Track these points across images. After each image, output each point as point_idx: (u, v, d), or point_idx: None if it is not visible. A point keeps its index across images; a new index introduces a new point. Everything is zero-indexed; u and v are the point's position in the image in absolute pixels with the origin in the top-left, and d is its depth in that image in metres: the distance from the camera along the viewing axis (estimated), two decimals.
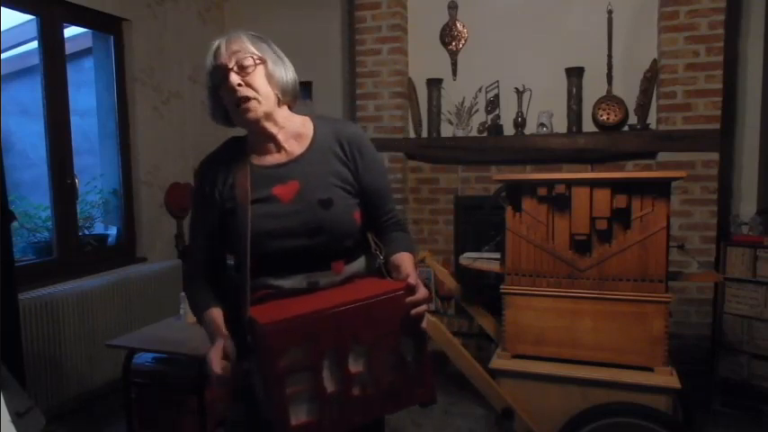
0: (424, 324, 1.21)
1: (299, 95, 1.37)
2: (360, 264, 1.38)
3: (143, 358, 2.46)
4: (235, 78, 1.23)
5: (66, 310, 2.86)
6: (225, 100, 1.28)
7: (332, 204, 1.30)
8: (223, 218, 1.32)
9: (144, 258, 3.57)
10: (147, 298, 3.35)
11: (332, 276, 1.32)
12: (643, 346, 2.04)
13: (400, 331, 1.18)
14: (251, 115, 1.25)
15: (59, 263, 3.08)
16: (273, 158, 1.33)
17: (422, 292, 1.21)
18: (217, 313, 1.31)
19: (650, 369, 2.04)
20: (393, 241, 1.40)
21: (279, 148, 1.34)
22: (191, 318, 2.59)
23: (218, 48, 1.27)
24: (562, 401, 2.08)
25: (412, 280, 1.21)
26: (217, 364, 1.18)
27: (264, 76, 1.26)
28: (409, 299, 1.19)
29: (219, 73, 1.25)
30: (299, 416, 1.10)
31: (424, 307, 1.21)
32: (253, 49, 1.26)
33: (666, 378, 2.00)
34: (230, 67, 1.24)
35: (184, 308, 2.60)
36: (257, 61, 1.25)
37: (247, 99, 1.24)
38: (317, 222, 1.28)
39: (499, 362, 2.21)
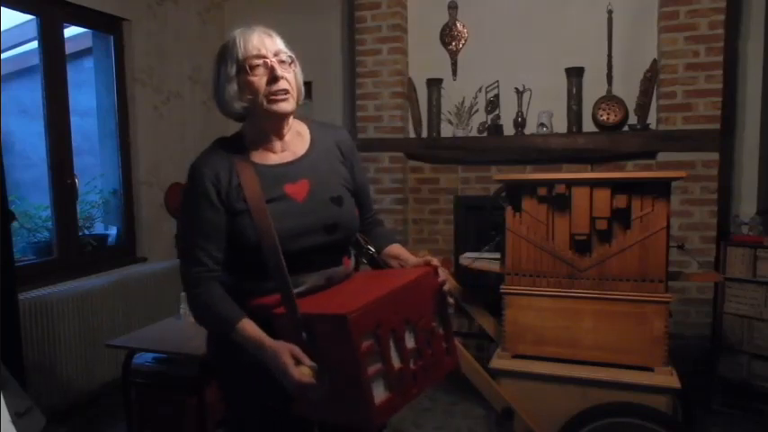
0: (450, 300, 1.34)
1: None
2: (353, 259, 1.47)
3: (143, 358, 2.45)
4: (280, 70, 1.28)
5: (66, 311, 2.86)
6: (252, 90, 1.28)
7: (342, 201, 1.36)
8: (232, 220, 1.28)
9: (144, 258, 3.57)
10: (147, 298, 3.35)
11: (343, 272, 1.38)
12: (643, 346, 2.04)
13: (433, 308, 1.31)
14: (285, 106, 1.29)
15: (59, 263, 3.08)
16: (278, 157, 1.35)
17: (443, 272, 1.33)
18: (251, 323, 1.24)
19: (650, 369, 2.04)
20: (381, 236, 1.53)
21: (283, 147, 1.36)
22: (191, 318, 2.58)
23: (252, 38, 1.29)
24: (562, 401, 2.08)
25: (434, 262, 1.32)
26: (296, 372, 1.14)
27: (294, 78, 1.32)
28: (440, 279, 1.31)
29: (257, 61, 1.27)
30: (379, 395, 1.15)
31: (448, 284, 1.33)
32: (289, 52, 1.32)
33: (666, 378, 2.00)
34: (273, 59, 1.28)
35: (184, 308, 2.59)
36: (291, 63, 1.32)
37: (286, 92, 1.29)
38: (333, 219, 1.33)
39: (499, 362, 2.21)
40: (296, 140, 1.38)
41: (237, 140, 1.36)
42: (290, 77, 1.30)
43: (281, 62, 1.29)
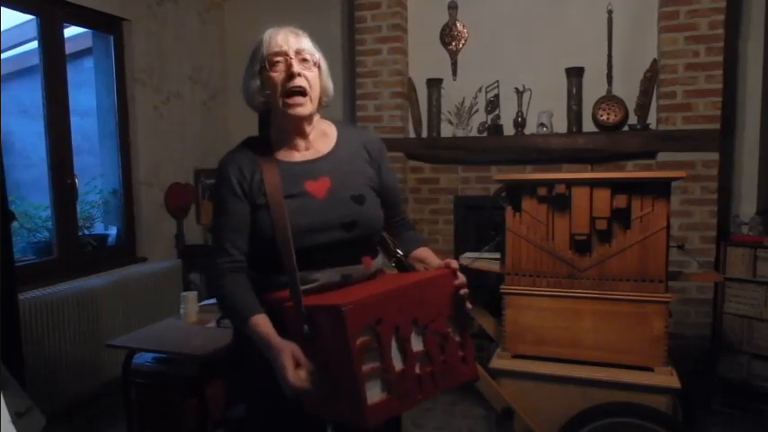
0: (468, 305, 1.30)
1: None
2: (379, 260, 1.46)
3: (143, 358, 2.45)
4: (297, 67, 1.31)
5: (66, 310, 2.86)
6: (271, 86, 1.32)
7: (364, 200, 1.38)
8: (253, 214, 1.33)
9: (144, 258, 3.57)
10: (147, 298, 3.35)
11: (363, 271, 1.38)
12: (643, 346, 2.04)
13: (448, 312, 1.26)
14: (299, 110, 1.32)
15: (59, 263, 3.08)
16: (301, 155, 1.39)
17: (462, 275, 1.30)
18: (264, 320, 1.27)
19: (650, 369, 2.04)
20: (410, 239, 1.55)
21: (307, 145, 1.40)
22: (191, 318, 2.58)
23: (277, 36, 1.33)
24: (562, 401, 2.08)
25: (454, 264, 1.30)
26: (293, 375, 1.17)
27: (317, 78, 1.35)
28: (457, 281, 1.28)
29: (277, 58, 1.31)
30: (373, 395, 1.13)
31: (466, 289, 1.30)
32: (314, 53, 1.36)
33: (666, 378, 2.00)
34: (293, 57, 1.31)
35: (184, 308, 2.59)
36: (316, 63, 1.35)
37: (302, 91, 1.31)
38: (352, 216, 1.34)
39: (499, 362, 2.21)
40: (321, 139, 1.42)
41: (264, 139, 1.41)
42: (311, 76, 1.33)
43: (304, 60, 1.32)
